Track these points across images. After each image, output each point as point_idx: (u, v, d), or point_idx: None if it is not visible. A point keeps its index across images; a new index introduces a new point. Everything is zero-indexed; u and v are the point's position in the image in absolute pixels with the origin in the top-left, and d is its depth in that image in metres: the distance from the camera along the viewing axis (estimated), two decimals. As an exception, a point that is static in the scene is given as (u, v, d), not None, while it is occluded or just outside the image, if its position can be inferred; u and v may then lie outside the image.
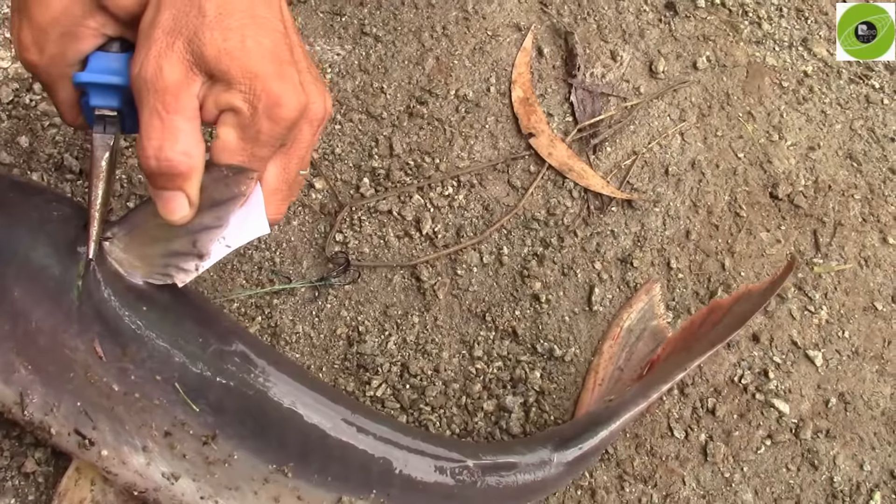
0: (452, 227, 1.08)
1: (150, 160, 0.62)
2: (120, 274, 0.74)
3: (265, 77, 0.62)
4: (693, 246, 1.14)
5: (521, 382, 1.00)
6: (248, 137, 0.65)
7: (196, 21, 0.61)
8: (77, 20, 0.66)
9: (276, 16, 0.65)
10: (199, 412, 0.74)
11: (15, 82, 1.02)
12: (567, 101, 1.19)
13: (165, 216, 0.66)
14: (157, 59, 0.61)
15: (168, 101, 0.61)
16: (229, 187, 0.67)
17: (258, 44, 0.62)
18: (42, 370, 0.74)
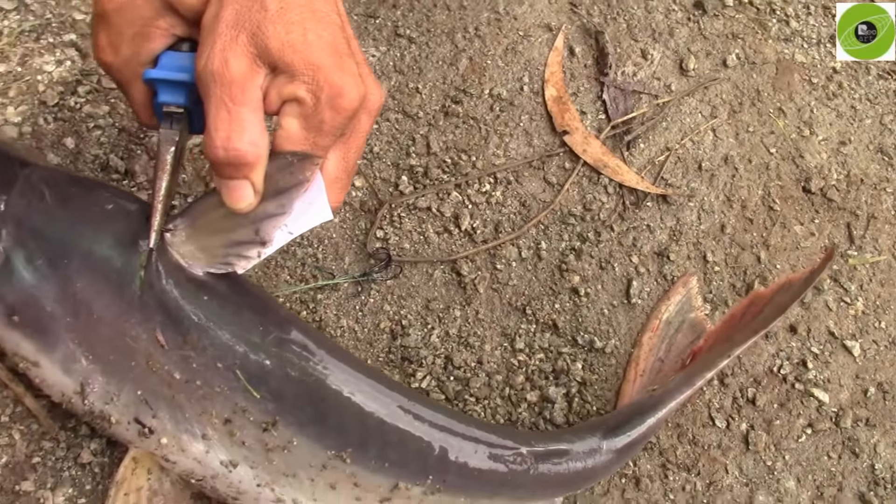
0: (491, 222, 1.09)
1: (219, 150, 0.64)
2: (181, 265, 0.75)
3: (327, 68, 0.64)
4: (728, 239, 1.15)
5: (563, 374, 1.02)
6: (310, 127, 0.66)
7: (259, 15, 0.63)
8: (148, 21, 0.68)
9: (333, 10, 0.67)
10: (260, 399, 0.75)
11: (60, 85, 1.04)
12: (599, 99, 1.21)
13: (231, 205, 0.68)
14: (222, 52, 0.63)
15: (234, 92, 0.63)
16: (293, 175, 0.69)
17: (319, 37, 0.64)
18: (103, 360, 0.76)
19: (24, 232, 0.76)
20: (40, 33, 1.06)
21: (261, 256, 0.74)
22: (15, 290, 0.75)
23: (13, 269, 0.75)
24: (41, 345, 0.76)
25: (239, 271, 0.76)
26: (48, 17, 1.08)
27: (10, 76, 1.02)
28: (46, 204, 0.77)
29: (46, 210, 0.77)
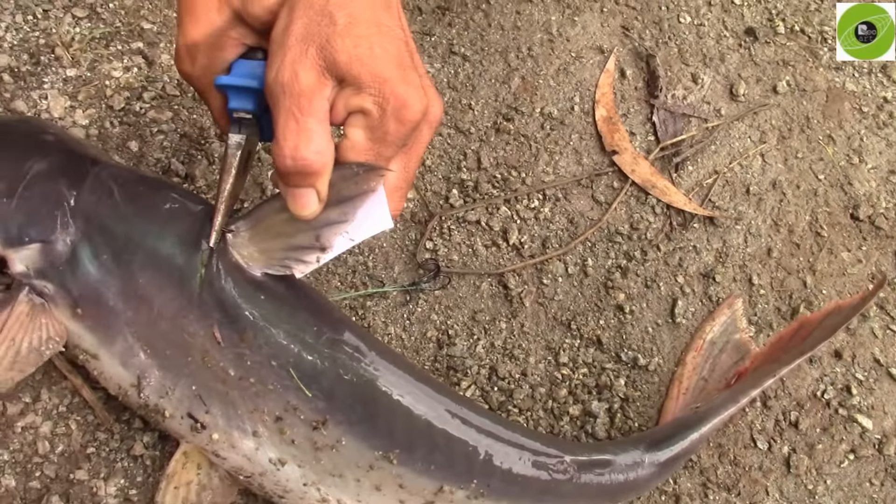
0: (538, 238, 1.10)
1: (287, 160, 0.66)
2: (240, 265, 0.78)
3: (392, 81, 0.66)
4: (774, 263, 1.15)
5: (606, 389, 1.02)
6: (376, 138, 0.68)
7: (328, 29, 0.65)
8: (221, 32, 0.71)
9: (398, 24, 0.69)
10: (312, 398, 0.77)
11: (126, 91, 1.08)
12: (649, 120, 1.22)
13: (296, 211, 0.70)
14: (292, 65, 0.65)
15: (303, 103, 0.65)
16: (358, 184, 0.71)
17: (385, 50, 0.66)
18: (160, 354, 0.78)
19: (92, 227, 0.79)
20: (110, 40, 1.10)
21: (320, 262, 0.76)
22: (80, 284, 0.78)
23: (80, 262, 0.78)
24: (102, 337, 0.79)
25: (297, 275, 0.78)
26: (118, 25, 1.12)
27: (80, 80, 1.06)
28: (115, 201, 0.80)
29: (114, 207, 0.79)
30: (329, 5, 0.65)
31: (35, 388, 0.88)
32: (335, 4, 0.65)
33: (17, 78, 1.04)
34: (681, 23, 1.30)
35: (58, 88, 1.05)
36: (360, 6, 0.65)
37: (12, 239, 0.79)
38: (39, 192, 0.80)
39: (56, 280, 0.78)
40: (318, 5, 0.65)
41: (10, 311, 0.77)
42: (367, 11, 0.66)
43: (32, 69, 1.05)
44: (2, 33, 1.06)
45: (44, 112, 1.03)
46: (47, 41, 1.07)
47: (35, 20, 1.08)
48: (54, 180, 0.81)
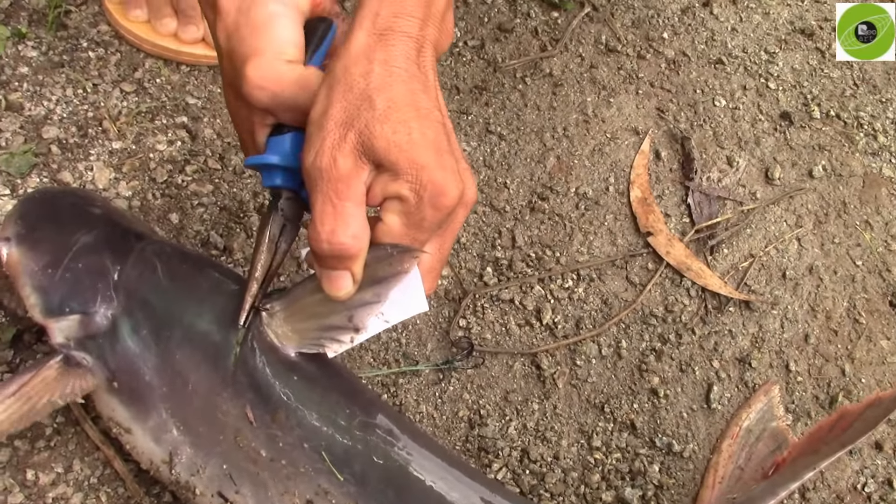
0: (572, 318, 1.10)
1: (323, 244, 0.66)
2: (275, 344, 0.78)
3: (430, 168, 0.66)
4: (812, 350, 1.13)
5: (639, 475, 1.00)
6: (412, 223, 0.68)
7: (367, 115, 0.65)
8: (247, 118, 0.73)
9: (435, 105, 0.69)
10: (343, 481, 0.76)
11: (169, 164, 1.10)
12: (684, 202, 1.22)
13: (331, 292, 0.70)
14: (331, 151, 0.65)
15: (340, 188, 0.65)
16: (392, 266, 0.71)
17: (423, 135, 0.66)
18: (193, 431, 0.78)
19: (134, 302, 0.80)
20: (155, 114, 1.13)
21: (353, 342, 0.76)
22: (118, 357, 0.79)
23: (119, 336, 0.79)
24: (136, 412, 0.79)
25: (330, 354, 0.78)
26: (163, 99, 1.14)
27: (125, 153, 1.08)
28: (157, 276, 0.81)
29: (156, 283, 0.80)
30: (369, 89, 0.65)
31: (67, 459, 0.88)
32: (375, 88, 0.65)
33: (64, 149, 1.06)
34: (716, 106, 1.31)
35: (103, 160, 1.07)
36: (400, 90, 0.66)
37: (53, 309, 0.80)
38: (84, 265, 0.81)
39: (94, 352, 0.79)
40: (358, 89, 0.65)
41: (35, 373, 0.78)
42: (407, 95, 0.66)
43: (80, 141, 1.08)
44: (52, 106, 1.09)
45: (89, 183, 1.05)
46: (95, 114, 1.10)
47: (84, 94, 1.11)
48: (99, 254, 0.82)
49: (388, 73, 0.66)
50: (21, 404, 0.78)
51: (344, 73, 0.66)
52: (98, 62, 1.14)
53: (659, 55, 1.34)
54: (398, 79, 0.66)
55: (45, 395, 0.78)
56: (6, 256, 0.83)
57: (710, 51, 1.37)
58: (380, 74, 0.65)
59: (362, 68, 0.65)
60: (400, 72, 0.66)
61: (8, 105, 1.07)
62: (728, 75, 1.34)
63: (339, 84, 0.66)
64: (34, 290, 0.81)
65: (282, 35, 0.70)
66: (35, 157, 1.05)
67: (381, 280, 0.72)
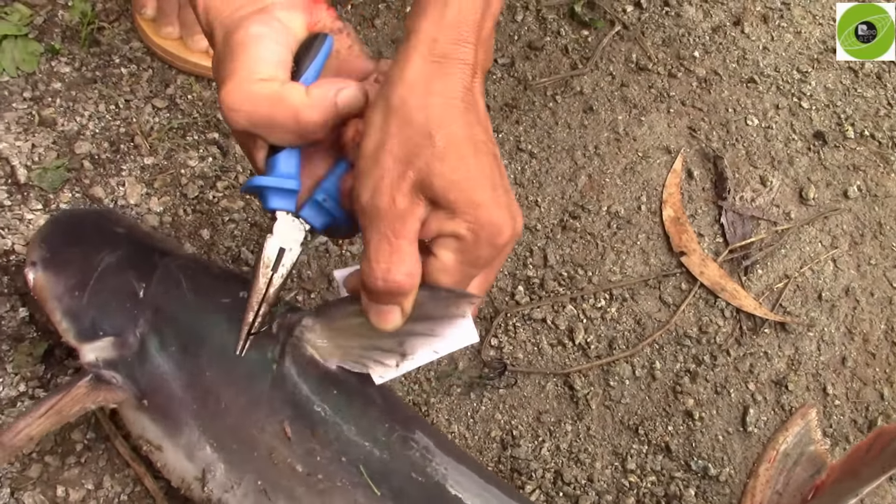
0: (605, 338, 1.08)
1: (378, 281, 0.65)
2: (315, 360, 0.77)
3: (487, 206, 0.64)
4: (849, 373, 1.11)
5: (675, 499, 0.99)
6: (466, 261, 0.67)
7: (427, 152, 0.63)
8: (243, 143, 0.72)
9: (489, 136, 0.67)
10: (380, 496, 0.75)
11: (201, 180, 1.10)
12: (717, 222, 1.21)
13: (378, 325, 0.68)
14: (390, 190, 0.63)
15: (397, 227, 0.64)
16: (447, 308, 0.70)
17: (480, 172, 0.65)
18: (227, 448, 0.77)
19: (160, 319, 0.79)
20: (186, 130, 1.13)
21: (399, 368, 0.75)
22: (147, 375, 0.78)
23: (148, 354, 0.78)
24: (167, 430, 0.78)
25: (377, 380, 0.77)
26: (195, 116, 1.14)
27: (157, 168, 1.08)
28: (183, 292, 0.80)
29: (182, 299, 0.80)
30: (429, 125, 0.63)
31: (98, 475, 0.87)
32: (435, 125, 0.63)
33: (96, 164, 1.06)
34: (748, 125, 1.30)
35: (135, 176, 1.07)
36: (458, 124, 0.64)
37: (86, 332, 0.79)
38: (110, 285, 0.81)
39: (124, 371, 0.78)
40: (418, 124, 0.63)
41: (65, 393, 0.77)
42: (465, 129, 0.64)
43: (112, 156, 1.08)
44: (85, 121, 1.09)
45: (120, 199, 1.05)
46: (127, 130, 1.10)
47: (117, 109, 1.11)
48: (124, 273, 0.82)
49: (447, 105, 0.64)
50: (52, 421, 0.77)
51: (401, 105, 0.64)
52: (130, 78, 1.14)
53: (690, 74, 1.33)
54: (456, 112, 0.64)
55: (74, 407, 0.77)
56: (32, 281, 0.83)
57: (742, 69, 1.36)
58: (439, 107, 0.63)
59: (420, 100, 0.63)
60: (457, 104, 0.64)
61: (41, 120, 1.07)
62: (760, 94, 1.33)
63: (395, 116, 0.64)
64: (64, 314, 0.81)
65: (259, 55, 0.67)
66: (68, 172, 1.05)
67: (435, 318, 0.71)
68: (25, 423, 0.76)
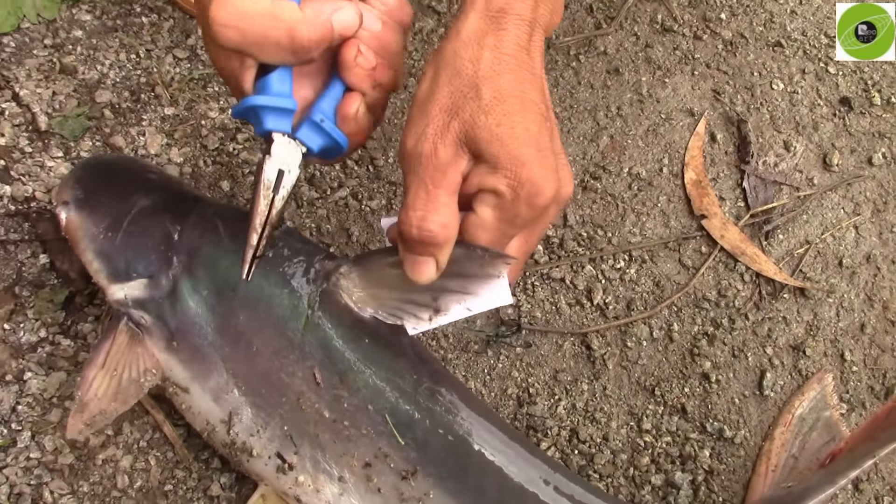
0: (623, 299, 1.08)
1: (413, 229, 0.65)
2: (349, 307, 0.77)
3: (530, 165, 0.64)
4: (868, 340, 1.11)
5: (690, 460, 0.99)
6: (504, 219, 0.67)
7: (473, 104, 0.63)
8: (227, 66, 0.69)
9: (541, 97, 0.67)
10: (404, 446, 0.75)
11: (221, 131, 1.09)
12: (739, 186, 1.20)
13: (412, 276, 0.69)
14: (433, 138, 0.64)
15: (437, 176, 0.64)
16: (483, 267, 0.70)
17: (526, 130, 0.64)
18: (255, 392, 0.77)
19: (195, 261, 0.79)
20: (207, 81, 1.12)
21: (432, 322, 0.75)
22: (178, 317, 0.78)
23: (180, 296, 0.78)
24: (196, 372, 0.79)
25: (410, 331, 0.77)
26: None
27: (177, 119, 1.08)
28: (219, 236, 0.80)
29: (218, 242, 0.80)
30: (477, 77, 0.63)
31: (117, 422, 0.88)
32: (483, 77, 0.63)
33: (117, 114, 1.06)
34: (773, 89, 1.28)
35: (155, 126, 1.07)
36: (508, 79, 0.64)
37: (119, 273, 0.79)
38: (144, 227, 0.81)
39: (154, 312, 0.78)
40: (466, 76, 0.64)
41: (112, 340, 0.77)
42: (515, 85, 0.64)
43: (132, 106, 1.07)
44: (106, 70, 1.09)
45: (140, 148, 1.04)
46: (148, 80, 1.09)
47: (138, 59, 1.10)
48: (158, 215, 0.81)
49: (497, 60, 0.64)
50: (111, 377, 0.77)
51: (453, 57, 0.64)
52: (151, 28, 1.13)
53: (716, 36, 1.31)
54: (507, 67, 0.64)
55: (125, 367, 0.77)
56: (65, 220, 0.83)
57: (769, 33, 1.34)
58: (489, 61, 0.64)
59: (472, 53, 0.64)
60: (509, 59, 0.64)
61: (62, 68, 1.07)
62: (787, 58, 1.31)
63: (447, 67, 0.65)
64: (96, 255, 0.81)
65: None
66: (88, 121, 1.04)
67: (470, 276, 0.71)
68: (91, 372, 0.76)
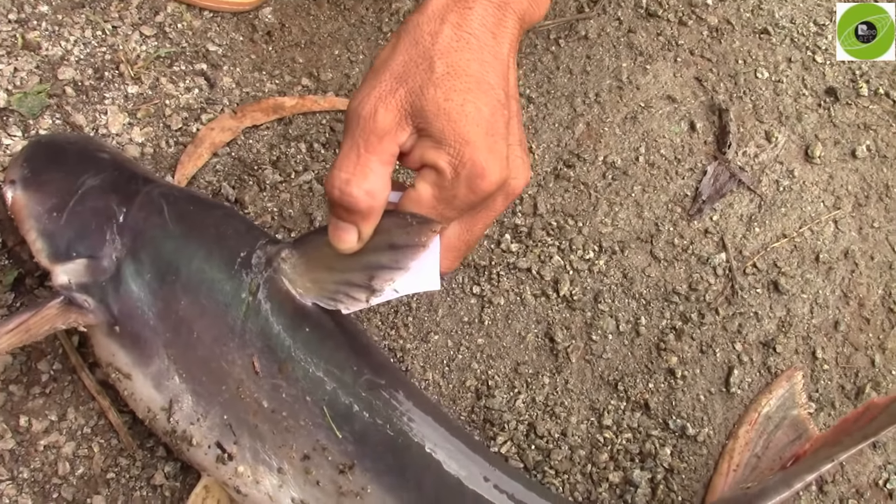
0: (591, 291, 1.06)
1: (335, 190, 0.63)
2: (290, 294, 0.76)
3: (475, 146, 0.62)
4: (841, 337, 1.08)
5: (649, 457, 0.97)
6: (442, 198, 0.65)
7: (424, 75, 0.62)
8: None
9: (501, 83, 0.65)
10: (342, 439, 0.74)
11: (185, 111, 1.07)
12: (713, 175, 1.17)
13: (333, 242, 0.67)
14: (376, 101, 0.62)
15: (371, 141, 0.63)
16: (410, 235, 0.68)
17: (477, 110, 0.63)
18: (196, 379, 0.76)
19: (139, 245, 0.78)
20: (174, 60, 1.10)
21: (369, 303, 0.73)
22: (121, 301, 0.77)
23: (122, 280, 0.77)
24: (137, 357, 0.78)
25: (344, 311, 0.76)
26: (183, 45, 1.12)
27: (141, 98, 1.06)
28: (164, 219, 0.79)
29: (163, 225, 0.78)
30: (433, 50, 0.62)
31: (62, 407, 0.87)
32: (439, 51, 0.62)
33: (79, 91, 1.04)
34: (758, 78, 1.25)
35: (118, 105, 1.05)
36: (464, 57, 0.63)
37: (60, 253, 0.78)
38: (90, 208, 0.79)
39: (97, 295, 0.77)
40: (423, 47, 0.63)
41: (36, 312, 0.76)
42: (472, 65, 0.63)
43: (95, 84, 1.05)
44: (70, 47, 1.07)
45: (102, 127, 1.03)
46: (113, 57, 1.08)
47: (103, 36, 1.09)
48: (105, 196, 0.80)
49: (457, 37, 0.63)
50: (20, 336, 0.76)
51: (414, 28, 0.63)
52: (119, 4, 1.11)
53: (701, 22, 1.28)
54: (466, 45, 0.63)
55: (43, 326, 0.76)
56: (11, 200, 0.82)
57: (756, 20, 1.30)
58: (448, 37, 0.63)
59: (433, 27, 0.63)
60: (470, 39, 0.63)
61: (25, 44, 1.05)
62: (773, 46, 1.28)
63: (407, 37, 0.64)
64: (40, 234, 0.80)
65: None
66: (49, 99, 1.03)
67: (399, 247, 0.69)
68: None
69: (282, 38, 1.16)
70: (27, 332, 0.76)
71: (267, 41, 1.16)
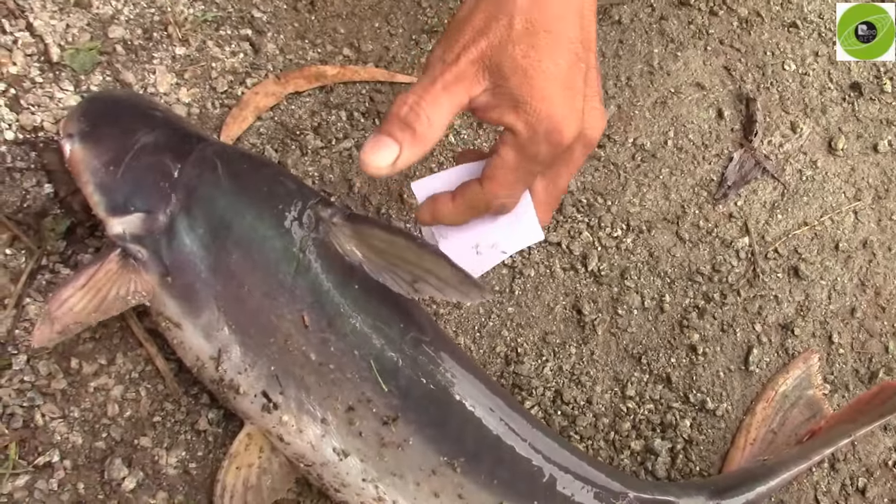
0: (617, 268, 1.09)
1: (405, 107, 0.65)
2: (339, 253, 0.78)
3: (551, 101, 0.65)
4: (857, 324, 1.12)
5: (670, 428, 1.00)
6: (525, 157, 0.67)
7: (504, 31, 0.64)
8: None
9: (580, 36, 0.67)
10: (387, 392, 0.77)
11: (230, 75, 1.10)
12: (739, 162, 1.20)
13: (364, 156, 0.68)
14: (459, 50, 0.65)
15: (448, 80, 0.65)
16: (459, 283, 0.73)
17: (555, 65, 0.65)
18: (244, 331, 0.79)
19: (192, 200, 0.80)
20: (220, 24, 1.12)
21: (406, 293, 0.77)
22: (173, 253, 0.79)
23: (176, 233, 0.79)
24: (188, 308, 0.80)
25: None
26: (230, 10, 1.14)
27: (188, 59, 1.08)
28: (217, 176, 0.81)
29: (216, 182, 0.81)
30: (514, 8, 0.64)
31: (111, 352, 0.90)
32: (520, 9, 0.64)
33: (129, 50, 1.06)
34: (785, 70, 1.28)
35: (166, 65, 1.07)
36: (546, 17, 0.64)
37: (117, 207, 0.81)
38: (145, 164, 0.82)
39: (150, 247, 0.80)
40: (504, 4, 0.64)
41: (99, 266, 0.78)
42: (552, 22, 0.65)
43: (144, 44, 1.08)
44: (120, 6, 1.09)
45: (150, 86, 1.05)
46: (161, 18, 1.10)
47: (152, -3, 1.11)
48: (160, 153, 0.82)
49: None
50: (92, 295, 0.79)
51: None
52: (168, -34, 1.13)
53: (732, 13, 1.31)
54: (547, 4, 0.64)
55: (111, 287, 0.79)
56: (69, 153, 0.84)
57: (785, 13, 1.33)
58: None
59: None
60: None
61: (77, 1, 1.07)
62: (801, 40, 1.31)
63: None
64: (97, 187, 0.82)
65: None
66: (100, 55, 1.05)
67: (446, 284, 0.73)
68: (67, 292, 0.78)
69: (324, 8, 1.19)
70: (98, 291, 0.78)
71: (310, 10, 1.18)
